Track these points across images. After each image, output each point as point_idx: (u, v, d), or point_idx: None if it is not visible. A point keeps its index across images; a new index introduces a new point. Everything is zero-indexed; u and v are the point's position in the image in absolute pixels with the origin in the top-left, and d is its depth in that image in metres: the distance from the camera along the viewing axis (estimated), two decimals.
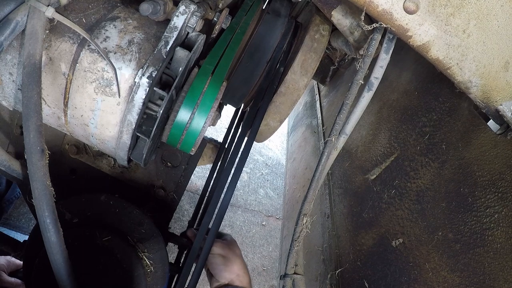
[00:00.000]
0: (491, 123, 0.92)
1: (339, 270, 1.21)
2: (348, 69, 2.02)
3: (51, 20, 0.67)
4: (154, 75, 0.71)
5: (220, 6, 0.96)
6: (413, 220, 1.00)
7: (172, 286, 1.12)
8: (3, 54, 0.71)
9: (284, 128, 2.55)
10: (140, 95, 0.71)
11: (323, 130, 1.91)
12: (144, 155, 0.82)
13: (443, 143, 1.03)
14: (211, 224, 0.97)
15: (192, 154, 0.88)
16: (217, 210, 0.96)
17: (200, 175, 3.08)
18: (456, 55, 0.78)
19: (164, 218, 1.22)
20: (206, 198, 1.45)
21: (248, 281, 1.09)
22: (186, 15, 0.76)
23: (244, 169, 3.31)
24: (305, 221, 1.06)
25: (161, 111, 0.74)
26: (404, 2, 0.71)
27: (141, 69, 0.71)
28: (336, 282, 1.20)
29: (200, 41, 0.81)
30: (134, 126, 0.74)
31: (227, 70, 0.88)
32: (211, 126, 0.87)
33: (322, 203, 1.52)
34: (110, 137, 0.78)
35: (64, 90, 0.73)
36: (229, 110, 1.65)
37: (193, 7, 0.76)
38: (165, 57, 0.73)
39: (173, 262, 1.20)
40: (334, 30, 1.23)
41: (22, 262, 1.12)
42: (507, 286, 0.74)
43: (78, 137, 0.84)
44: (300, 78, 1.15)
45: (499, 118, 0.87)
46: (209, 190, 1.43)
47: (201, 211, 1.44)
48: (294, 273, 1.18)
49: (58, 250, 0.63)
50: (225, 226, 2.90)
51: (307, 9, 1.41)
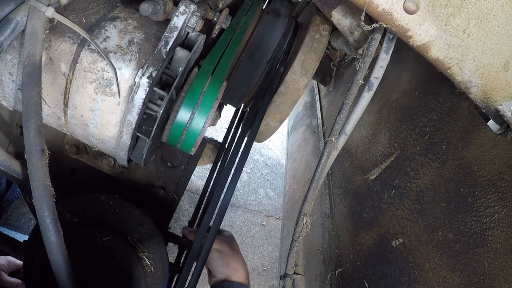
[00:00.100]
0: (491, 123, 0.92)
1: (339, 270, 1.21)
2: (348, 69, 2.02)
3: (51, 20, 0.67)
4: (154, 75, 0.71)
5: (220, 6, 0.96)
6: (413, 220, 1.00)
7: (172, 286, 1.12)
8: (3, 54, 0.71)
9: (284, 128, 2.55)
10: (140, 95, 0.71)
11: (323, 130, 1.91)
12: (144, 155, 0.82)
13: (443, 143, 1.03)
14: (211, 223, 0.97)
15: (192, 154, 0.88)
16: (217, 210, 0.96)
17: (200, 175, 3.08)
18: (456, 55, 0.78)
19: (164, 218, 1.22)
20: (206, 198, 1.45)
21: (245, 276, 1.08)
22: (186, 15, 0.76)
23: (244, 169, 3.32)
24: (305, 221, 1.06)
25: (161, 111, 0.74)
26: (404, 2, 0.71)
27: (141, 69, 0.71)
28: (336, 282, 1.20)
29: (200, 41, 0.81)
30: (134, 126, 0.74)
31: (227, 70, 0.88)
32: (211, 126, 0.87)
33: (322, 203, 1.52)
34: (110, 137, 0.78)
35: (64, 90, 0.73)
36: (229, 110, 1.65)
37: (193, 7, 0.76)
38: (165, 57, 0.73)
39: (173, 262, 1.20)
40: (334, 30, 1.23)
41: (22, 262, 1.12)
42: (507, 286, 0.74)
43: (78, 137, 0.84)
44: (300, 78, 1.15)
45: (499, 118, 0.87)
46: (209, 190, 1.43)
47: (201, 211, 1.44)
48: (294, 273, 1.19)
49: (58, 250, 0.63)
50: (225, 226, 2.90)
51: (307, 9, 1.41)
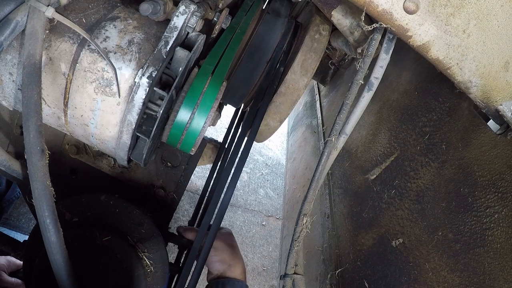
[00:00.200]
0: (491, 123, 0.92)
1: (339, 270, 1.21)
2: (348, 69, 2.02)
3: (51, 20, 0.67)
4: (154, 75, 0.71)
5: (220, 6, 0.96)
6: (413, 220, 1.00)
7: (172, 286, 1.12)
8: (3, 54, 0.71)
9: (284, 128, 2.55)
10: (140, 95, 0.71)
11: (323, 130, 1.91)
12: (144, 155, 0.82)
13: (443, 143, 1.03)
14: (211, 223, 0.97)
15: (192, 154, 0.88)
16: (217, 210, 0.96)
17: (200, 175, 3.08)
18: (456, 55, 0.78)
19: (164, 218, 1.22)
20: (206, 198, 1.45)
21: (240, 271, 1.07)
22: (186, 15, 0.76)
23: (244, 169, 3.32)
24: (305, 221, 1.06)
25: (161, 111, 0.74)
26: (404, 2, 0.71)
27: (141, 69, 0.71)
28: (336, 282, 1.20)
29: (200, 41, 0.81)
30: (134, 126, 0.74)
31: (227, 70, 0.88)
32: (211, 126, 0.87)
33: (322, 203, 1.52)
34: (110, 137, 0.78)
35: (64, 90, 0.73)
36: (229, 110, 1.65)
37: (193, 7, 0.76)
38: (165, 57, 0.73)
39: (173, 262, 1.20)
40: (334, 30, 1.23)
41: (22, 262, 1.12)
42: (507, 286, 0.74)
43: (78, 137, 0.84)
44: (300, 78, 1.15)
45: (499, 118, 0.87)
46: (209, 190, 1.43)
47: (201, 211, 1.44)
48: (294, 273, 1.18)
49: (58, 250, 0.63)
50: (225, 226, 2.90)
51: (307, 9, 1.41)
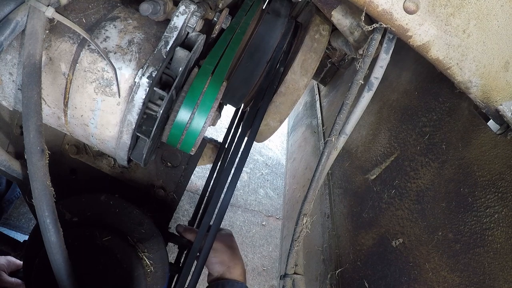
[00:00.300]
0: (491, 123, 0.92)
1: (339, 270, 1.21)
2: (348, 69, 2.02)
3: (51, 20, 0.67)
4: (154, 75, 0.71)
5: (220, 6, 0.96)
6: (413, 220, 1.00)
7: (172, 286, 1.12)
8: (3, 54, 0.71)
9: (284, 128, 2.55)
10: (140, 95, 0.71)
11: (323, 130, 1.91)
12: (144, 155, 0.82)
13: (443, 143, 1.03)
14: (211, 223, 0.97)
15: (192, 154, 0.88)
16: (217, 210, 0.96)
17: (200, 175, 3.08)
18: (456, 55, 0.78)
19: (164, 218, 1.22)
20: (206, 198, 1.45)
21: (240, 272, 1.07)
22: (186, 15, 0.76)
23: (244, 169, 3.32)
24: (305, 221, 1.06)
25: (161, 111, 0.74)
26: (404, 2, 0.71)
27: (141, 69, 0.71)
28: (336, 282, 1.20)
29: (200, 41, 0.81)
30: (134, 126, 0.74)
31: (227, 70, 0.87)
32: (211, 126, 0.87)
33: (322, 203, 1.52)
34: (110, 137, 0.78)
35: (64, 90, 0.73)
36: (229, 110, 1.65)
37: (193, 7, 0.76)
38: (165, 57, 0.73)
39: (173, 262, 1.20)
40: (334, 30, 1.23)
41: (22, 262, 1.12)
42: (507, 286, 0.74)
43: (78, 137, 0.84)
44: (300, 78, 1.15)
45: (499, 118, 0.87)
46: (209, 190, 1.43)
47: (201, 211, 1.44)
48: (294, 273, 1.18)
49: (58, 250, 0.63)
50: (225, 226, 2.87)
51: (307, 9, 1.41)
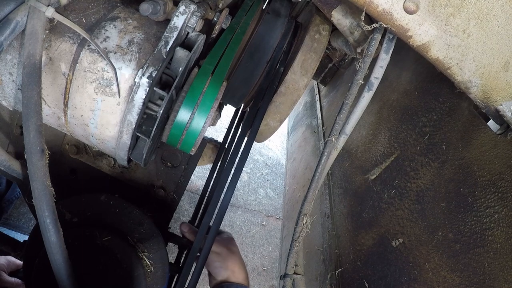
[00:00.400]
0: (491, 123, 0.92)
1: (339, 270, 1.21)
2: (348, 69, 2.02)
3: (51, 20, 0.67)
4: (154, 75, 0.71)
5: (220, 6, 0.96)
6: (413, 220, 1.00)
7: (172, 286, 1.12)
8: (3, 54, 0.71)
9: (284, 128, 2.55)
10: (140, 95, 0.71)
11: (323, 130, 1.91)
12: (144, 155, 0.82)
13: (443, 143, 1.03)
14: (211, 224, 0.97)
15: (192, 154, 0.88)
16: (217, 210, 0.96)
17: (200, 175, 3.08)
18: (456, 55, 0.78)
19: (164, 218, 1.22)
20: (206, 198, 1.45)
21: (244, 277, 1.09)
22: (186, 15, 0.76)
23: (244, 169, 3.32)
24: (305, 221, 1.06)
25: (161, 111, 0.74)
26: (404, 2, 0.71)
27: (141, 69, 0.71)
28: (336, 282, 1.20)
29: (200, 41, 0.81)
30: (134, 126, 0.74)
31: (227, 70, 0.87)
32: (211, 126, 0.87)
33: (322, 203, 1.52)
34: (110, 137, 0.78)
35: (64, 90, 0.73)
36: (229, 110, 1.65)
37: (193, 7, 0.76)
38: (165, 57, 0.73)
39: (173, 262, 1.20)
40: (334, 30, 1.23)
41: (22, 262, 1.12)
42: (507, 286, 0.74)
43: (78, 137, 0.84)
44: (300, 78, 1.15)
45: (499, 118, 0.87)
46: (209, 190, 1.43)
47: (201, 211, 1.44)
48: (294, 273, 1.18)
49: (58, 250, 0.63)
50: (225, 226, 2.90)
51: (307, 9, 1.41)
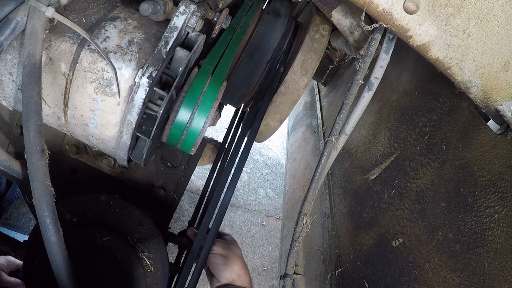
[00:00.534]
0: (491, 123, 0.92)
1: (339, 270, 1.21)
2: (348, 69, 2.02)
3: (51, 20, 0.67)
4: (154, 75, 0.71)
5: (220, 6, 0.96)
6: (413, 220, 1.00)
7: (172, 286, 1.12)
8: (3, 54, 0.71)
9: (284, 128, 2.55)
10: (140, 95, 0.71)
11: (323, 130, 1.91)
12: (144, 155, 0.82)
13: (443, 143, 1.03)
14: (211, 224, 0.97)
15: (192, 154, 0.88)
16: (217, 210, 0.96)
17: (200, 175, 3.08)
18: (456, 55, 0.78)
19: (164, 218, 1.22)
20: (206, 198, 1.45)
21: (248, 280, 1.09)
22: (186, 15, 0.76)
23: (244, 169, 3.32)
24: (305, 221, 1.06)
25: (161, 111, 0.74)
26: (404, 2, 0.71)
27: (141, 69, 0.71)
28: (336, 282, 1.20)
29: (200, 41, 0.81)
30: (134, 126, 0.74)
31: (227, 70, 0.88)
32: (211, 126, 0.87)
33: (322, 203, 1.52)
34: (110, 137, 0.78)
35: (64, 90, 0.73)
36: (229, 110, 1.65)
37: (193, 7, 0.76)
38: (165, 57, 0.73)
39: (173, 262, 1.20)
40: (334, 30, 1.23)
41: (22, 262, 1.12)
42: (507, 286, 0.74)
43: (78, 137, 0.84)
44: (300, 78, 1.15)
45: (499, 118, 0.87)
46: (209, 190, 1.43)
47: (201, 211, 1.44)
48: (294, 273, 1.18)
49: (58, 250, 0.63)
50: (225, 226, 2.90)
51: (307, 9, 1.41)
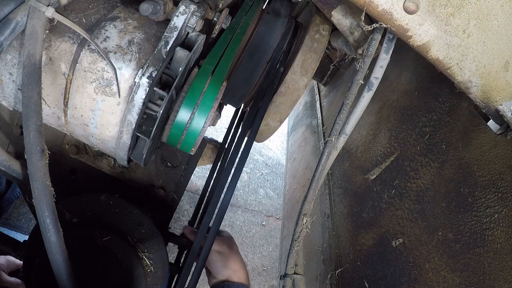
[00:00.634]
0: (491, 123, 0.92)
1: (339, 270, 1.21)
2: (348, 69, 2.02)
3: (51, 20, 0.67)
4: (154, 75, 0.71)
5: (220, 6, 0.96)
6: (413, 220, 1.00)
7: (172, 286, 1.12)
8: (3, 54, 0.71)
9: (284, 128, 2.55)
10: (140, 95, 0.71)
11: (323, 130, 1.91)
12: (144, 155, 0.82)
13: (443, 143, 1.03)
14: (211, 224, 0.97)
15: (192, 154, 0.88)
16: (217, 210, 0.96)
17: (200, 175, 3.08)
18: (456, 55, 0.78)
19: (164, 218, 1.22)
20: (206, 198, 1.45)
21: (245, 276, 1.09)
22: (186, 15, 0.76)
23: (244, 169, 3.32)
24: (305, 221, 1.06)
25: (161, 111, 0.74)
26: (404, 2, 0.71)
27: (141, 69, 0.71)
28: (336, 282, 1.20)
29: (200, 41, 0.81)
30: (134, 126, 0.74)
31: (227, 70, 0.88)
32: (211, 126, 0.87)
33: (322, 203, 1.52)
34: (110, 137, 0.78)
35: (64, 90, 0.73)
36: (229, 110, 1.65)
37: (193, 7, 0.76)
38: (165, 57, 0.73)
39: (173, 262, 1.20)
40: (334, 30, 1.23)
41: (22, 262, 1.12)
42: (507, 286, 0.74)
43: (78, 137, 0.84)
44: (300, 78, 1.15)
45: (499, 118, 0.87)
46: (209, 190, 1.43)
47: (201, 211, 1.44)
48: (294, 273, 1.19)
49: (58, 250, 0.63)
50: (225, 226, 2.90)
51: (307, 9, 1.41)
